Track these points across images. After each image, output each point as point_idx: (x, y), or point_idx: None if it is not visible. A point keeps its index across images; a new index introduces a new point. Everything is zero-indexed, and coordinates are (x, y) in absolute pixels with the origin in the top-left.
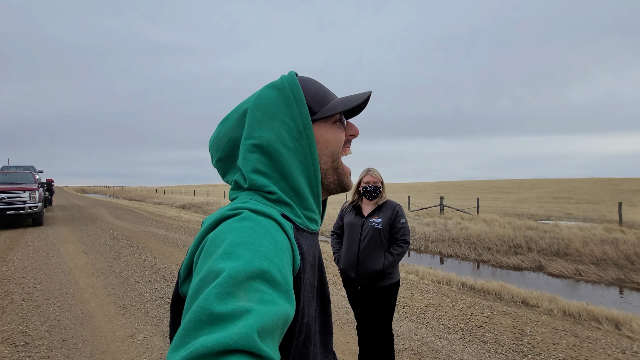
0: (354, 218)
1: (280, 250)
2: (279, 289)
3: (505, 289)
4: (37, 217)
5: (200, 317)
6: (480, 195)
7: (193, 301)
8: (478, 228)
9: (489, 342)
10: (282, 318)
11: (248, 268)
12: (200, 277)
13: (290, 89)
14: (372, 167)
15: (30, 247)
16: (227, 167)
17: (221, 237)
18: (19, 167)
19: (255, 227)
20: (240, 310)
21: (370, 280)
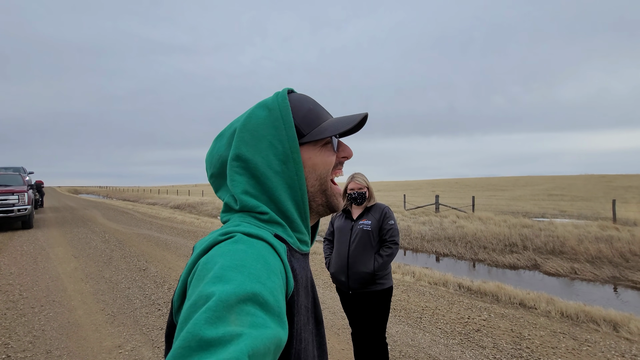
0: (344, 222)
1: (272, 273)
2: (272, 312)
3: (502, 290)
4: (27, 220)
5: (189, 343)
6: (475, 193)
7: (183, 327)
8: (474, 226)
9: (487, 347)
10: (274, 342)
11: (239, 291)
12: (190, 302)
13: (279, 110)
14: (357, 173)
15: (18, 252)
16: (219, 184)
17: (213, 260)
18: (8, 169)
19: (247, 250)
20: (231, 334)
21: (361, 284)
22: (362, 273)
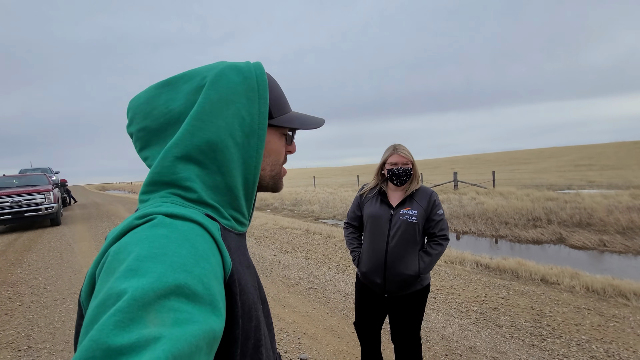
0: (380, 208)
1: (201, 258)
2: (201, 302)
3: (523, 266)
4: (55, 217)
5: (94, 353)
6: (496, 167)
7: (88, 331)
8: (494, 202)
9: (505, 325)
10: (204, 337)
11: (159, 285)
12: (97, 302)
13: (256, 81)
14: (399, 144)
15: (46, 248)
16: (149, 141)
17: (126, 249)
18: (35, 170)
19: (169, 235)
20: (147, 339)
21: (402, 287)
22: (405, 275)
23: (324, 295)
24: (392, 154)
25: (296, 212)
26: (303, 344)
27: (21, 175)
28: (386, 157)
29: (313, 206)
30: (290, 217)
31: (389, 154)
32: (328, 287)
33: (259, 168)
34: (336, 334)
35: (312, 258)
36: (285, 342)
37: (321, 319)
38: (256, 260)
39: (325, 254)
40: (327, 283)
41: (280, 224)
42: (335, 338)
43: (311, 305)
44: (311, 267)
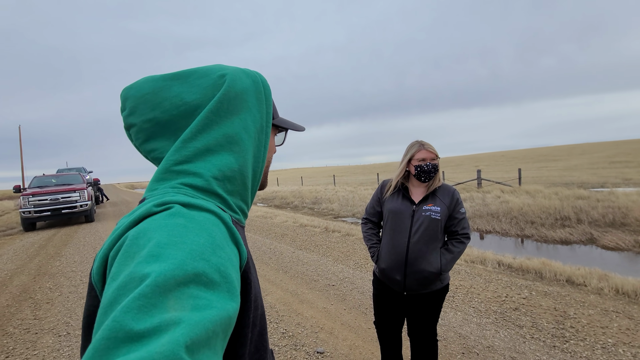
0: (402, 204)
1: (217, 247)
2: (218, 289)
3: (548, 267)
4: (88, 214)
5: (116, 333)
6: (523, 165)
7: (108, 313)
8: (520, 201)
9: (525, 326)
10: (220, 323)
11: (179, 272)
12: (118, 284)
13: (262, 85)
14: (422, 140)
15: (81, 242)
16: (156, 133)
17: (146, 235)
18: (71, 169)
19: (187, 224)
20: (167, 322)
21: (422, 285)
22: (426, 272)
23: (341, 292)
24: (419, 150)
25: (316, 210)
26: (320, 338)
27: (58, 175)
28: (413, 152)
29: (333, 204)
30: (310, 215)
31: (416, 149)
32: (346, 284)
33: (264, 162)
34: (353, 329)
35: (330, 255)
36: (302, 335)
37: (338, 315)
38: (276, 257)
39: (343, 252)
40: (345, 280)
41: (300, 221)
42: (352, 333)
43: (329, 301)
44: (330, 264)
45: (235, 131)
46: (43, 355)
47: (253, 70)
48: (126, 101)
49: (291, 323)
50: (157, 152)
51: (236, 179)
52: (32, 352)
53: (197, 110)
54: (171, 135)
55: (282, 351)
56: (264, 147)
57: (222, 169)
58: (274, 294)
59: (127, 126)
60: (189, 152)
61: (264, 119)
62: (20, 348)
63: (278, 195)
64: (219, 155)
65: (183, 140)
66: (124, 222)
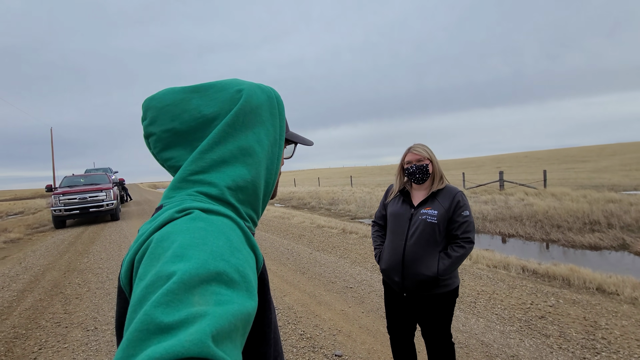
0: (401, 207)
1: (235, 249)
2: (238, 287)
3: (576, 273)
4: (114, 213)
5: (148, 326)
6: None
7: (138, 310)
8: (545, 204)
9: (552, 335)
10: (241, 318)
11: (202, 271)
12: (147, 282)
13: (276, 100)
14: (417, 143)
15: (107, 240)
16: (174, 142)
17: (169, 238)
18: (98, 170)
19: (207, 228)
20: (194, 315)
21: (420, 288)
22: (423, 276)
23: (359, 294)
24: (407, 153)
25: (333, 212)
26: (338, 341)
27: (86, 175)
28: (403, 156)
29: (350, 205)
30: (327, 216)
31: (405, 153)
32: (364, 287)
33: (277, 173)
34: (371, 333)
35: (348, 257)
36: (320, 338)
37: (356, 318)
38: (293, 258)
39: (361, 254)
40: (362, 282)
41: (317, 222)
42: (370, 337)
43: (347, 303)
44: (347, 266)
45: (250, 144)
46: (73, 348)
47: (267, 85)
48: (148, 111)
49: (309, 325)
50: (174, 160)
51: (248, 189)
52: (63, 345)
53: (214, 122)
54: (187, 145)
55: (300, 353)
56: (277, 159)
57: (235, 179)
58: (292, 295)
59: (147, 135)
60: (205, 163)
61: (277, 132)
62: (52, 341)
63: (295, 196)
64: (233, 167)
65: (200, 152)
66: (147, 228)
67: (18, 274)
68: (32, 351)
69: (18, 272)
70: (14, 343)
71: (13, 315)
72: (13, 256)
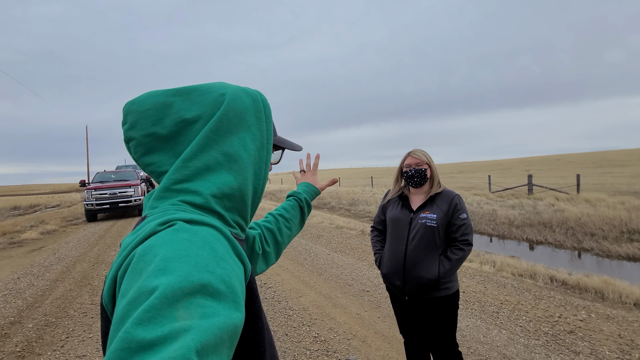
0: (400, 212)
1: (220, 259)
2: (224, 299)
3: (611, 286)
4: (141, 208)
5: (129, 344)
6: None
7: (120, 327)
8: (578, 210)
9: (583, 352)
10: (227, 330)
11: (186, 283)
12: (128, 299)
13: (262, 104)
14: (416, 148)
15: None
16: (155, 147)
17: (152, 251)
18: (128, 166)
19: (191, 239)
20: (177, 330)
21: (421, 291)
22: (423, 279)
23: (376, 298)
24: (407, 157)
25: (352, 212)
26: (352, 346)
27: (117, 171)
28: (403, 160)
29: (370, 207)
30: (347, 217)
31: (404, 157)
32: (381, 291)
33: (266, 178)
34: (387, 339)
35: (366, 260)
36: (334, 342)
37: (372, 323)
38: (311, 258)
39: None
40: (380, 287)
41: (336, 223)
42: (385, 343)
43: (363, 307)
44: (365, 269)
45: (235, 150)
46: (97, 338)
47: (254, 89)
48: (128, 115)
49: (324, 327)
50: (155, 165)
51: (235, 196)
52: (88, 335)
53: (195, 126)
54: (169, 149)
55: (313, 356)
56: (265, 164)
57: (220, 186)
58: (308, 295)
59: (127, 139)
60: (189, 172)
61: (264, 137)
62: (78, 330)
63: None
64: (218, 174)
65: (183, 160)
66: (129, 242)
67: (52, 264)
68: (60, 339)
69: (52, 262)
70: (45, 330)
71: (45, 304)
72: (48, 247)
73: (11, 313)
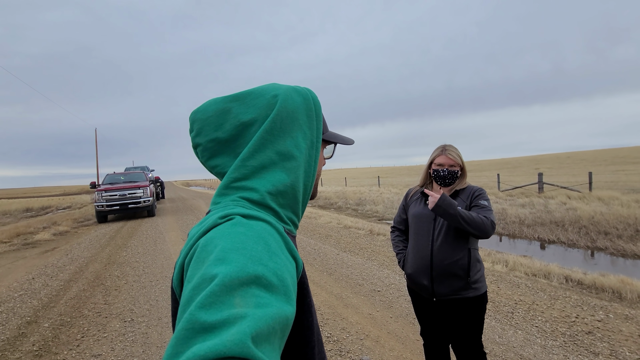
0: (424, 208)
1: (273, 254)
2: (276, 291)
3: (628, 286)
4: (150, 209)
5: (193, 325)
6: (594, 168)
7: (186, 309)
8: (590, 208)
9: (602, 353)
10: (279, 321)
11: (242, 274)
12: (193, 284)
13: (313, 102)
14: (449, 145)
15: (144, 235)
16: (218, 151)
17: (213, 243)
18: (136, 168)
19: (246, 232)
20: (235, 316)
21: (450, 288)
22: (452, 273)
23: (387, 298)
24: (439, 155)
25: (360, 212)
26: (365, 346)
27: (126, 173)
28: (434, 157)
29: (377, 206)
30: (354, 217)
31: (437, 154)
32: (392, 291)
33: (315, 175)
34: (400, 339)
35: (375, 259)
36: (347, 342)
37: (385, 323)
38: (320, 258)
39: (389, 257)
40: (391, 286)
41: (344, 223)
42: (399, 344)
43: (374, 307)
44: (375, 268)
45: (288, 149)
46: (111, 338)
47: (304, 87)
48: (194, 123)
49: (336, 327)
50: (220, 167)
51: (288, 193)
52: (102, 335)
53: (252, 128)
54: (231, 152)
55: (327, 356)
56: (314, 161)
57: (275, 184)
58: (319, 296)
59: (195, 145)
60: (246, 170)
61: (314, 135)
62: (93, 330)
63: (322, 196)
64: (272, 172)
65: (241, 160)
66: (194, 233)
67: (65, 265)
68: (75, 338)
69: (65, 263)
70: (60, 330)
71: (60, 304)
72: (61, 248)
73: (27, 313)
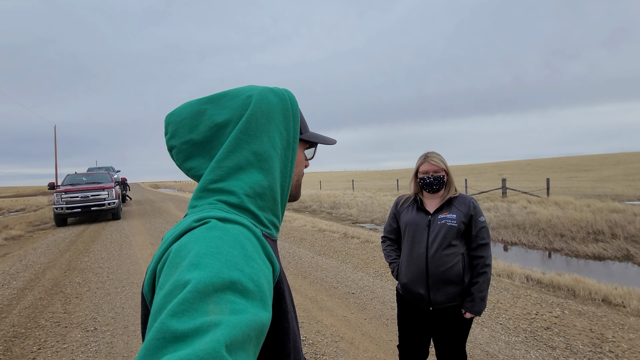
0: (416, 215)
1: (250, 258)
2: (252, 297)
3: (581, 284)
4: (115, 212)
5: (164, 334)
6: (551, 174)
7: (157, 317)
8: (548, 212)
9: (558, 347)
10: (254, 327)
11: (216, 279)
12: (164, 292)
13: (290, 102)
14: (431, 152)
15: (108, 240)
16: (193, 153)
17: (187, 247)
18: (100, 168)
19: (222, 237)
20: (208, 324)
21: (447, 296)
22: (448, 280)
23: (361, 300)
24: (422, 163)
25: (334, 215)
26: (340, 348)
27: (89, 173)
28: (418, 165)
29: (351, 210)
30: (328, 220)
31: (420, 162)
32: (366, 293)
33: (292, 177)
34: (374, 340)
35: (350, 262)
36: (322, 344)
37: (359, 325)
38: (295, 262)
39: (363, 259)
40: (365, 289)
41: (319, 226)
42: (373, 345)
43: (349, 309)
44: (349, 271)
45: (264, 149)
46: (72, 349)
47: (282, 88)
48: (168, 126)
49: (311, 330)
50: (195, 170)
51: (266, 195)
52: (62, 346)
53: (226, 129)
54: (206, 154)
55: None
56: (290, 162)
57: (252, 186)
58: (294, 299)
59: (169, 148)
60: (222, 172)
61: (291, 135)
62: (51, 341)
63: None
64: (249, 173)
65: (217, 161)
66: (168, 237)
67: (18, 272)
68: (30, 351)
69: (18, 270)
70: (13, 342)
71: (12, 314)
72: (14, 253)
73: None
